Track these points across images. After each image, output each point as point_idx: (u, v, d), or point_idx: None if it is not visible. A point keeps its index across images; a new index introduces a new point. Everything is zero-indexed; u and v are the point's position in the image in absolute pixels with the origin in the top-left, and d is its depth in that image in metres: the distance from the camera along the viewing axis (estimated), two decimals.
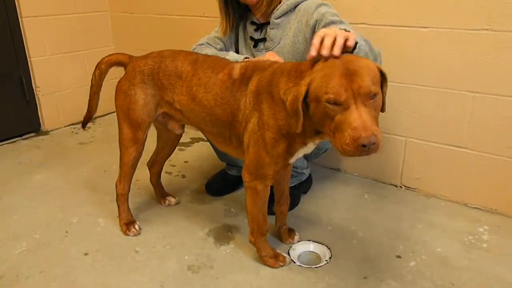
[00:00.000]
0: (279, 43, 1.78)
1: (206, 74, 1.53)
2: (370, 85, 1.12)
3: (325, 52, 1.16)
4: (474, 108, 1.87)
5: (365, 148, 1.07)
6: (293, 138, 1.37)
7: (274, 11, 1.75)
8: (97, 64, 1.77)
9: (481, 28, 1.76)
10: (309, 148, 1.43)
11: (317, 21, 1.63)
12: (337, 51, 1.14)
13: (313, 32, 1.65)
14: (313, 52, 1.18)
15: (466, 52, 1.83)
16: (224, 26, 1.84)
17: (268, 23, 1.79)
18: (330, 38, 1.16)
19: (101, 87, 1.81)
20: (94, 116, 3.20)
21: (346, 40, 1.16)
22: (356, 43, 1.21)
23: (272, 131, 1.36)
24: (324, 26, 1.57)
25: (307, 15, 1.68)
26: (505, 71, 1.76)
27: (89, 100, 1.86)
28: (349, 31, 1.22)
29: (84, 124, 1.94)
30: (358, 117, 1.09)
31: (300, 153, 1.44)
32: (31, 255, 1.69)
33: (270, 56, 1.62)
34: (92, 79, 1.79)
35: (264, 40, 1.82)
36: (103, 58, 1.77)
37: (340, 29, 1.22)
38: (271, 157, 1.40)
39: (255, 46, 1.86)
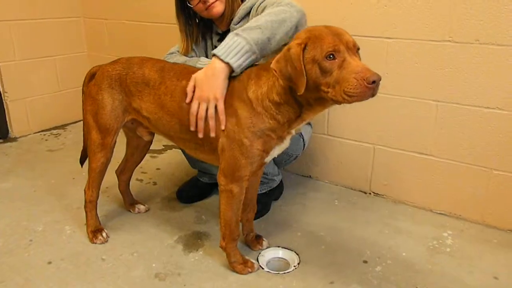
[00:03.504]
0: None
1: (172, 82, 1.54)
2: (354, 40, 1.25)
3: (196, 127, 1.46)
4: (438, 116, 1.93)
5: (374, 85, 1.13)
6: (268, 136, 1.39)
7: (233, 18, 1.78)
8: (82, 88, 1.76)
9: (442, 39, 1.84)
10: (285, 144, 1.47)
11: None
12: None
13: None
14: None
15: (429, 62, 1.89)
16: (185, 46, 1.84)
17: (229, 30, 1.81)
18: (201, 105, 1.43)
19: None
20: (65, 123, 3.25)
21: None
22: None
23: (244, 132, 1.38)
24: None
25: (257, 14, 1.70)
26: (465, 80, 1.83)
27: (83, 127, 1.82)
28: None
29: (82, 160, 1.91)
30: (358, 63, 1.19)
31: (276, 151, 1.46)
32: None
33: None
34: (82, 104, 1.75)
35: None
36: (83, 79, 1.76)
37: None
38: (247, 158, 1.41)
39: None
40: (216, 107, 1.42)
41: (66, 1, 3.15)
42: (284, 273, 1.62)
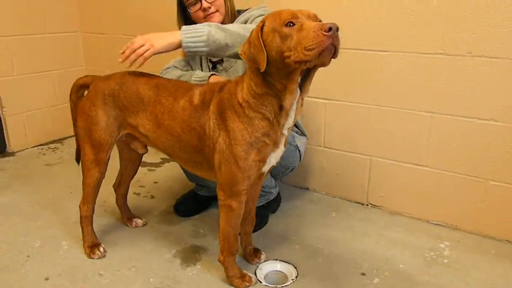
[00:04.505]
0: (235, 61, 1.83)
1: (168, 101, 1.55)
2: (316, 14, 1.26)
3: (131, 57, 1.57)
4: (432, 127, 1.95)
5: (331, 32, 1.13)
6: (263, 142, 1.39)
7: None
8: (69, 97, 1.77)
9: (435, 52, 1.86)
10: (280, 150, 1.46)
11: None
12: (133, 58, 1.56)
13: None
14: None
15: (423, 75, 1.92)
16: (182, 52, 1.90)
17: None
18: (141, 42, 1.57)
19: None
20: (62, 137, 3.26)
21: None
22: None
23: (241, 144, 1.39)
24: None
25: None
26: (458, 92, 1.86)
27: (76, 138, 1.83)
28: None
29: (78, 158, 1.88)
30: (315, 23, 1.19)
31: (272, 158, 1.46)
32: None
33: (216, 78, 1.71)
34: (71, 114, 1.79)
35: (221, 61, 1.88)
36: (70, 89, 1.77)
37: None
38: (243, 171, 1.41)
39: (213, 68, 1.92)
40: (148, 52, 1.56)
41: (63, 16, 3.18)
42: (282, 286, 1.61)
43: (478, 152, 1.88)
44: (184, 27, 1.55)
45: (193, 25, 1.55)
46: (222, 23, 1.82)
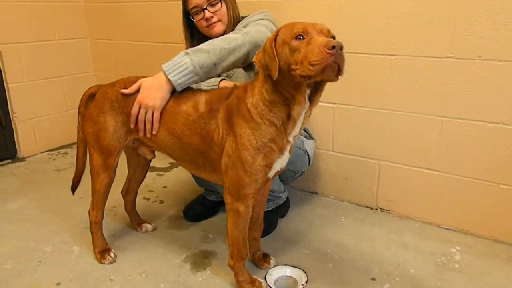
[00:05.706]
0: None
1: (171, 105, 1.56)
2: (329, 29, 1.28)
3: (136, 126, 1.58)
4: (442, 131, 1.94)
5: (334, 50, 1.14)
6: (270, 148, 1.40)
7: None
8: (78, 110, 1.78)
9: (444, 56, 1.86)
10: (285, 156, 1.47)
11: None
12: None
13: None
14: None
15: (432, 79, 1.91)
16: None
17: None
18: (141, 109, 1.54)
19: None
20: (72, 142, 3.28)
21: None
22: None
23: (247, 148, 1.39)
24: None
25: None
26: (468, 96, 1.85)
27: (77, 150, 1.84)
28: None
29: (73, 188, 1.92)
30: (324, 38, 1.21)
31: (277, 164, 1.46)
32: (1, 286, 1.65)
33: (226, 84, 1.70)
34: (77, 126, 1.79)
35: None
36: (80, 102, 1.78)
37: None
38: (250, 175, 1.42)
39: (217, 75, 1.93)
40: (153, 114, 1.54)
41: (72, 23, 3.22)
42: None
43: (488, 156, 1.87)
44: (163, 66, 1.52)
45: (170, 61, 1.52)
46: (224, 33, 1.83)
